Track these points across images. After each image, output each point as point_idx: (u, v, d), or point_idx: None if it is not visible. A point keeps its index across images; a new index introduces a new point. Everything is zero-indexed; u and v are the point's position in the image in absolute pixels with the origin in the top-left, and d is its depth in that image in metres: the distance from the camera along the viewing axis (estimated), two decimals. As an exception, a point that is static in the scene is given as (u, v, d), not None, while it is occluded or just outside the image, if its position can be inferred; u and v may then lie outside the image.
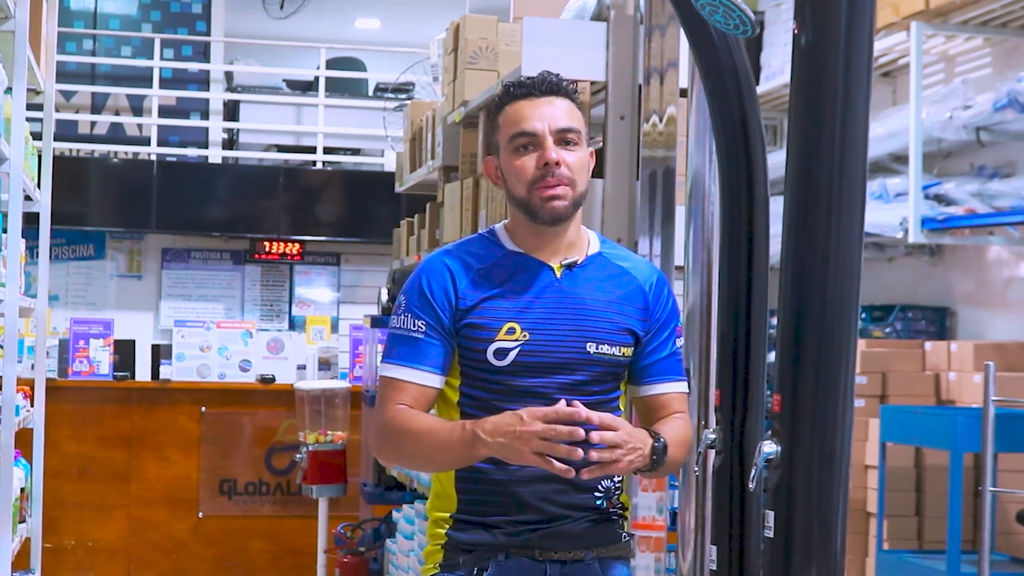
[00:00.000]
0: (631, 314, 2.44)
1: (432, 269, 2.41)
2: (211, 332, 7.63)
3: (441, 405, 2.46)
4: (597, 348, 2.39)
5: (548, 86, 2.43)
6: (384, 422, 2.39)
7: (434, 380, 2.38)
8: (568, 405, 2.24)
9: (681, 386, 2.50)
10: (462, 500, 2.41)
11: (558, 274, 2.41)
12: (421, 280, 2.41)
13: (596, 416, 2.21)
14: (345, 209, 9.77)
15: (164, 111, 10.39)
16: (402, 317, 2.40)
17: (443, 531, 2.44)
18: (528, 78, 2.45)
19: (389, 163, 9.88)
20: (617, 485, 2.45)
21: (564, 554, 2.40)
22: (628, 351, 2.43)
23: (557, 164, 2.36)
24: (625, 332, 2.42)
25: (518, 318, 2.36)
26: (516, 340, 2.35)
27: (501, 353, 2.35)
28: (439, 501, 2.45)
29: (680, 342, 2.51)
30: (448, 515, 2.43)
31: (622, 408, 2.49)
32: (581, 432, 2.19)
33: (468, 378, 2.40)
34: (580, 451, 2.18)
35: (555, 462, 2.19)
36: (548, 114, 2.39)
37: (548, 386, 2.35)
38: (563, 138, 2.38)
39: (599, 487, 2.41)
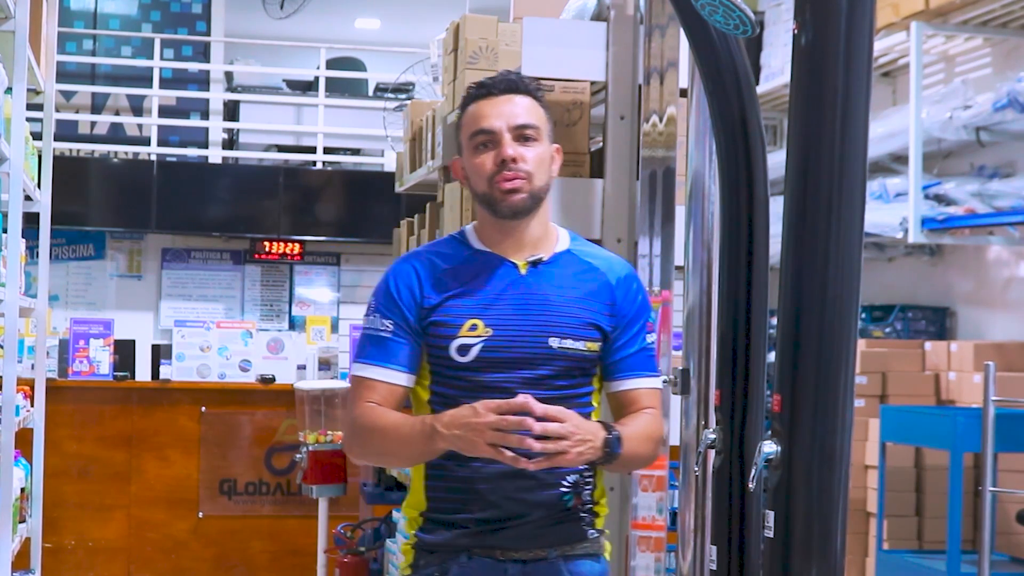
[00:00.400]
0: (597, 310, 2.47)
1: (399, 271, 2.48)
2: (211, 332, 7.63)
3: (415, 404, 2.51)
4: (560, 343, 2.42)
5: (507, 84, 2.48)
6: (352, 419, 2.45)
7: (402, 378, 2.44)
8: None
9: (651, 382, 2.52)
10: (430, 498, 2.46)
11: (523, 271, 2.46)
12: (388, 282, 2.48)
13: (540, 408, 2.25)
14: (345, 209, 9.77)
15: (164, 111, 10.38)
16: (371, 317, 2.47)
17: (413, 531, 2.49)
18: (489, 78, 2.51)
19: (389, 163, 9.87)
20: (587, 480, 2.47)
21: (525, 553, 2.43)
22: (594, 346, 2.46)
23: (514, 160, 2.41)
24: (590, 327, 2.45)
25: (481, 315, 2.42)
26: (479, 336, 2.41)
27: (464, 349, 2.40)
28: (411, 499, 2.51)
29: (651, 338, 2.53)
30: (418, 514, 2.49)
31: (595, 404, 2.51)
32: (531, 422, 2.23)
33: (436, 376, 2.45)
34: (531, 441, 2.23)
35: (507, 452, 2.24)
36: (506, 112, 2.44)
37: (512, 381, 2.39)
38: (521, 134, 2.44)
39: (564, 483, 2.43)
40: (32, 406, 5.81)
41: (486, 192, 2.44)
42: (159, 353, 7.55)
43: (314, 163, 10.26)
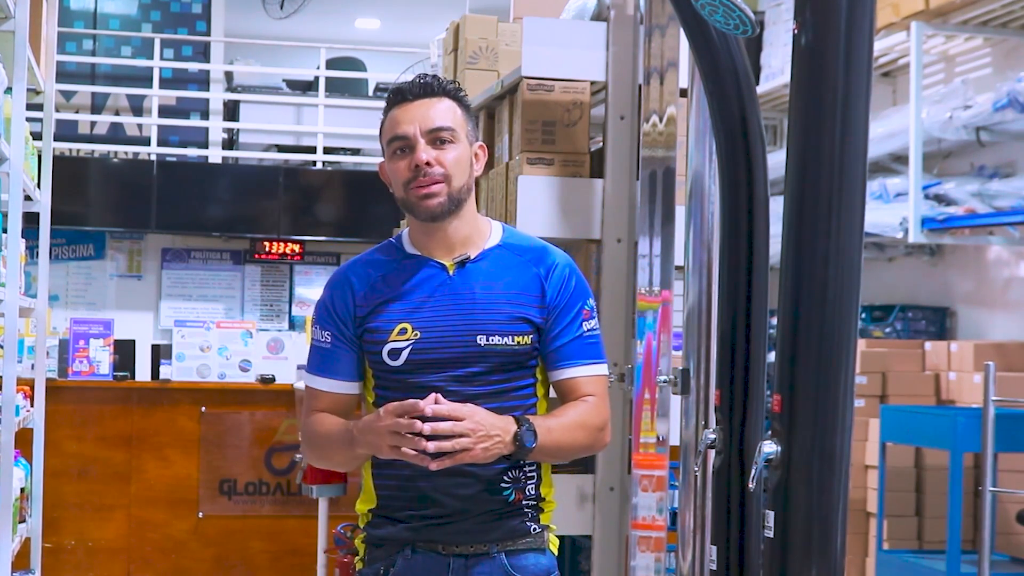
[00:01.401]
0: (525, 303, 2.49)
1: (335, 284, 2.56)
2: (211, 332, 7.63)
3: (365, 407, 2.58)
4: (488, 340, 2.45)
5: (422, 88, 2.50)
6: (302, 428, 2.59)
7: (344, 386, 2.54)
8: (462, 397, 2.39)
9: (591, 369, 2.52)
10: (379, 496, 2.53)
11: (451, 271, 2.50)
12: (326, 295, 2.56)
13: (429, 409, 2.32)
14: (345, 209, 9.76)
15: (164, 111, 10.38)
16: (314, 330, 2.57)
17: (363, 526, 2.57)
18: (406, 83, 2.53)
19: (389, 163, 9.85)
20: (529, 476, 2.50)
21: (467, 548, 2.47)
22: (525, 339, 2.48)
23: (428, 164, 2.45)
24: (519, 321, 2.47)
25: (409, 318, 2.47)
26: (407, 340, 2.46)
27: (394, 353, 2.46)
28: (363, 496, 2.57)
29: (589, 324, 2.53)
30: (368, 510, 2.55)
31: (539, 395, 2.54)
32: (419, 424, 2.30)
33: (377, 379, 2.52)
34: (425, 442, 2.30)
35: (409, 452, 2.31)
36: (420, 116, 2.47)
37: (443, 380, 2.44)
38: (436, 137, 2.47)
39: (504, 479, 2.47)
40: (32, 406, 5.81)
41: (404, 198, 2.49)
42: (159, 353, 7.55)
43: (314, 163, 10.26)
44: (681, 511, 3.48)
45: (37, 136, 5.95)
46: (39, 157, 5.94)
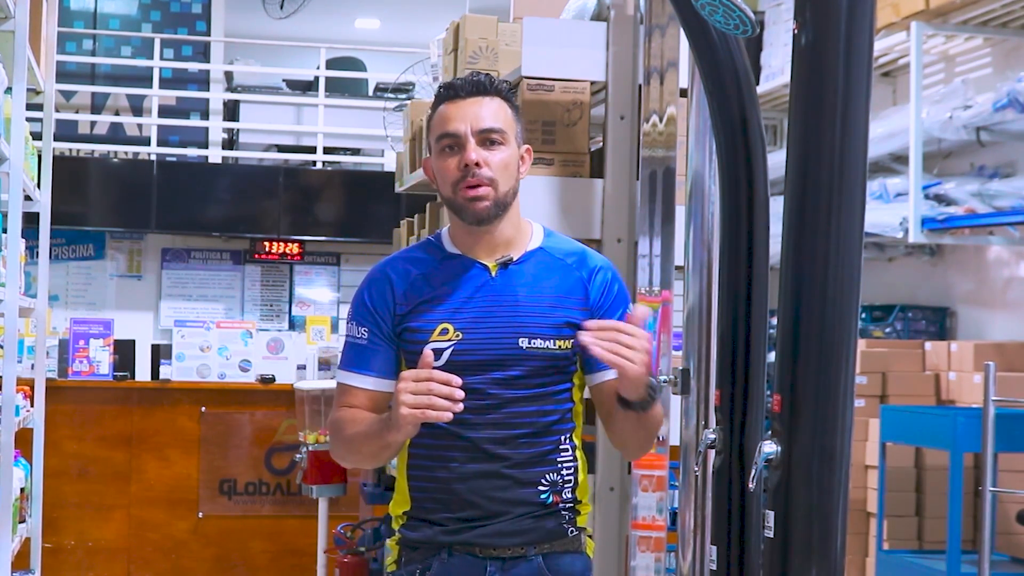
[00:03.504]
0: (570, 306, 2.47)
1: (373, 279, 2.52)
2: (211, 332, 7.63)
3: None
4: (530, 343, 2.43)
5: (474, 86, 2.47)
6: (331, 423, 2.53)
7: (378, 383, 2.49)
8: (503, 400, 2.39)
9: None
10: (413, 498, 2.50)
11: (493, 273, 2.47)
12: (363, 291, 2.52)
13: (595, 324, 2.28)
14: (345, 209, 9.76)
15: (164, 111, 10.38)
16: (349, 325, 2.53)
17: (398, 528, 2.54)
18: (458, 79, 2.50)
19: (389, 163, 9.88)
20: (566, 479, 2.48)
21: (504, 551, 2.45)
22: (567, 344, 2.45)
23: (477, 165, 2.41)
24: (564, 326, 2.45)
25: (451, 319, 2.44)
26: (449, 340, 2.43)
27: (435, 354, 2.41)
28: (396, 498, 2.54)
29: None
30: (402, 512, 2.52)
31: (575, 400, 2.52)
32: (437, 376, 2.24)
33: None
34: (438, 399, 2.23)
35: (429, 412, 2.24)
36: (471, 115, 2.44)
37: (484, 382, 2.42)
38: (486, 138, 2.43)
39: (543, 481, 2.45)
40: (32, 406, 5.81)
41: (451, 197, 2.46)
42: (159, 353, 7.55)
43: (314, 163, 10.26)
44: (681, 511, 3.48)
45: (37, 136, 5.95)
46: (39, 157, 5.94)
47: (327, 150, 10.36)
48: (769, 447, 2.39)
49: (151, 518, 7.32)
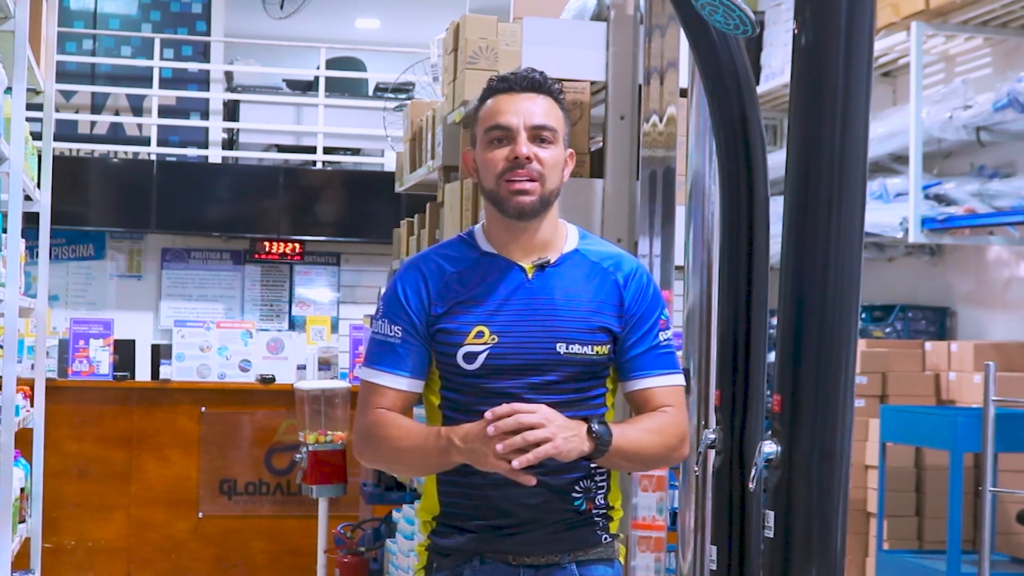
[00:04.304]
0: (606, 311, 2.43)
1: (407, 276, 2.46)
2: (211, 332, 7.63)
3: (427, 409, 2.49)
4: (567, 348, 2.39)
5: (529, 83, 2.44)
6: (366, 426, 2.43)
7: (411, 384, 2.43)
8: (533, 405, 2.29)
9: (668, 379, 2.45)
10: (443, 504, 2.45)
11: (529, 275, 2.43)
12: (397, 287, 2.45)
13: (508, 410, 2.25)
14: (345, 209, 9.76)
15: (164, 111, 10.38)
16: (380, 323, 2.45)
17: (427, 534, 2.49)
18: (513, 73, 2.47)
19: (389, 163, 9.88)
20: (600, 485, 2.44)
21: (537, 559, 2.41)
22: (603, 349, 2.41)
23: (528, 159, 2.37)
24: (599, 331, 2.41)
25: (487, 321, 2.39)
26: (485, 344, 2.38)
27: (470, 357, 2.37)
28: (424, 503, 2.49)
29: (665, 335, 2.47)
30: (431, 517, 2.47)
31: (608, 405, 2.48)
32: (524, 424, 2.22)
33: (446, 381, 2.43)
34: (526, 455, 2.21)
35: (521, 473, 2.22)
36: (525, 110, 2.40)
37: (519, 387, 2.37)
38: (538, 135, 2.39)
39: (576, 488, 2.41)
40: (32, 406, 5.81)
41: (494, 189, 2.40)
42: (159, 353, 7.55)
43: (314, 163, 10.26)
44: (681, 511, 3.48)
45: (37, 136, 5.95)
46: (39, 157, 5.94)
47: (327, 150, 10.36)
48: (769, 447, 2.39)
49: (151, 518, 7.32)
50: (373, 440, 2.43)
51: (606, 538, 2.47)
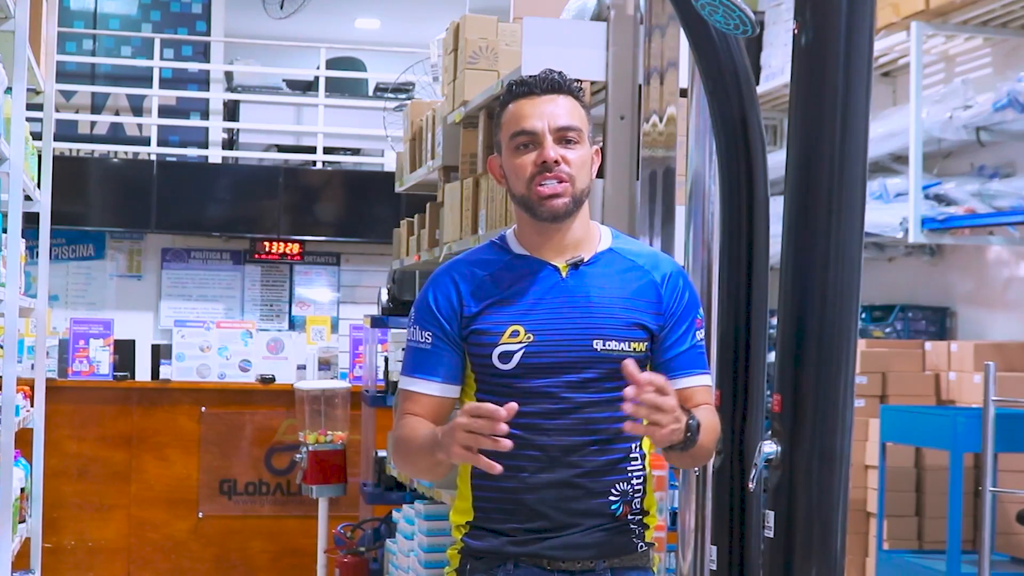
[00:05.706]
0: (642, 309, 2.41)
1: (438, 281, 2.45)
2: (211, 332, 7.63)
3: None
4: (604, 344, 2.36)
5: (550, 84, 2.43)
6: (394, 433, 2.47)
7: (444, 389, 2.42)
8: (575, 404, 2.31)
9: (704, 379, 2.46)
10: (477, 508, 2.43)
11: (564, 273, 2.41)
12: (428, 293, 2.45)
13: (644, 377, 2.17)
14: (345, 209, 9.76)
15: (164, 111, 10.38)
16: (412, 330, 2.45)
17: (460, 536, 2.47)
18: (531, 76, 2.45)
19: (389, 163, 9.87)
20: (636, 489, 2.43)
21: (572, 564, 2.39)
22: (640, 346, 2.39)
23: (556, 162, 2.36)
24: (635, 327, 2.39)
25: (522, 320, 2.37)
26: (520, 343, 2.36)
27: (505, 356, 2.36)
28: (459, 505, 2.47)
29: (700, 335, 2.46)
30: (465, 521, 2.45)
31: None
32: (502, 426, 2.13)
33: (481, 383, 2.42)
34: (504, 442, 2.14)
35: (481, 457, 2.16)
36: (548, 112, 2.39)
37: (556, 385, 2.35)
38: (563, 136, 2.38)
39: (613, 491, 2.39)
40: (32, 406, 5.81)
41: (524, 195, 2.39)
42: (159, 353, 7.55)
43: (314, 163, 10.26)
44: (681, 511, 3.48)
45: (37, 136, 5.95)
46: (39, 157, 5.94)
47: (327, 150, 10.36)
48: (769, 447, 2.40)
49: (151, 518, 7.33)
50: (394, 447, 2.46)
51: (642, 546, 2.46)
